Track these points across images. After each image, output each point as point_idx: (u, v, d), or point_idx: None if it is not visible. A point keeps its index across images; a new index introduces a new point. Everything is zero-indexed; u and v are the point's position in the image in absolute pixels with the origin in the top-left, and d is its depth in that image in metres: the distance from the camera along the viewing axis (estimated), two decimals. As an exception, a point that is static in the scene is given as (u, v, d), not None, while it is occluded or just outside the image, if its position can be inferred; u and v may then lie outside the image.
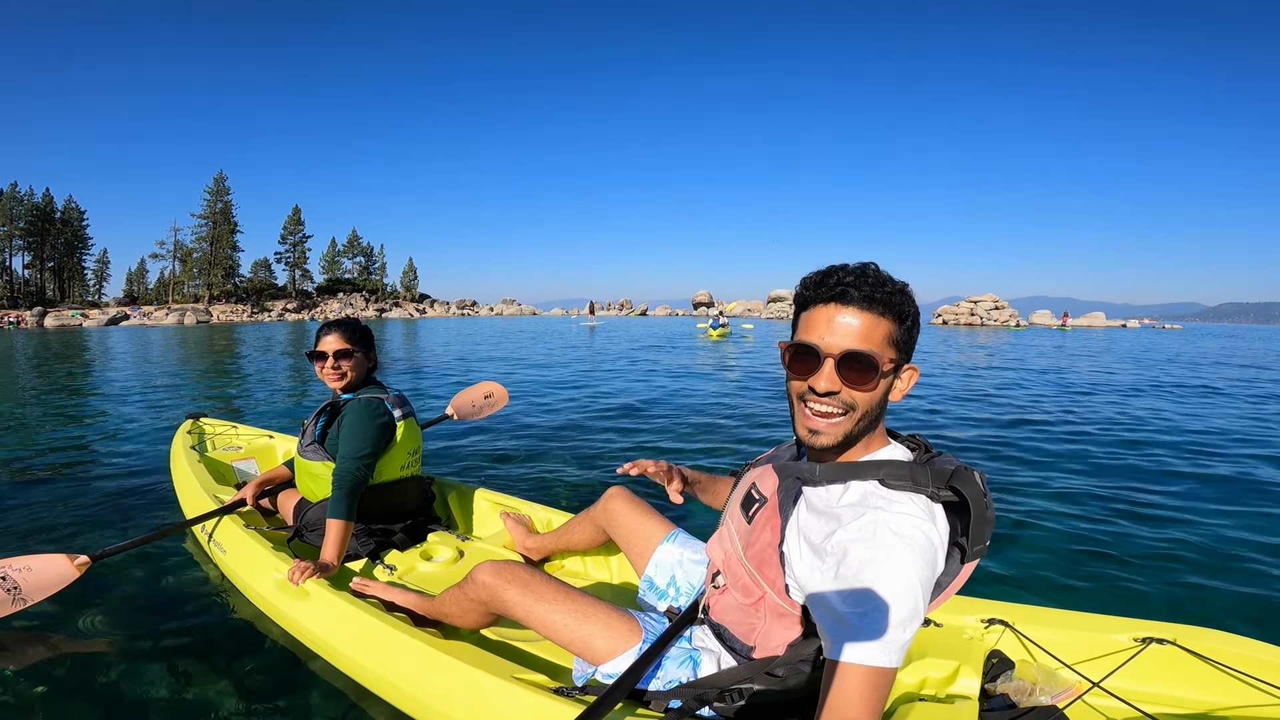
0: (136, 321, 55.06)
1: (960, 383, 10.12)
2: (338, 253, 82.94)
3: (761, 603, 1.25)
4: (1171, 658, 1.60)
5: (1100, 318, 53.90)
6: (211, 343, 23.07)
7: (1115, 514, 3.65)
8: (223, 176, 71.20)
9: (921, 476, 1.10)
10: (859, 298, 1.11)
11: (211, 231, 70.10)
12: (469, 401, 3.52)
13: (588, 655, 1.49)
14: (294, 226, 76.97)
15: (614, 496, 2.03)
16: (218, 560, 2.49)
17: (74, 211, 70.91)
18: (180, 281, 71.74)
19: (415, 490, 2.54)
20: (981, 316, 46.69)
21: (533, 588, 1.55)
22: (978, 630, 1.76)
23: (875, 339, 1.11)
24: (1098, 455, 5.07)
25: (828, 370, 1.11)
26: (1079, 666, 1.63)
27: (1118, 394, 9.00)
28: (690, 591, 1.78)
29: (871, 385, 1.11)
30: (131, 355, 16.83)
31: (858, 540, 1.06)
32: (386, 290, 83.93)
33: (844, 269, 1.14)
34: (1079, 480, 4.34)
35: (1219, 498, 3.98)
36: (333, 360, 2.32)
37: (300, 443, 2.46)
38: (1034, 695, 1.52)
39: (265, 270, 76.96)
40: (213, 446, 3.61)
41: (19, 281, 66.08)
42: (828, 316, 1.12)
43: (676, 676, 1.40)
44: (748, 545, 1.27)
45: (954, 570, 1.14)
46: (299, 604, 2.00)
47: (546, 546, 2.34)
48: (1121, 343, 25.87)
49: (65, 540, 3.11)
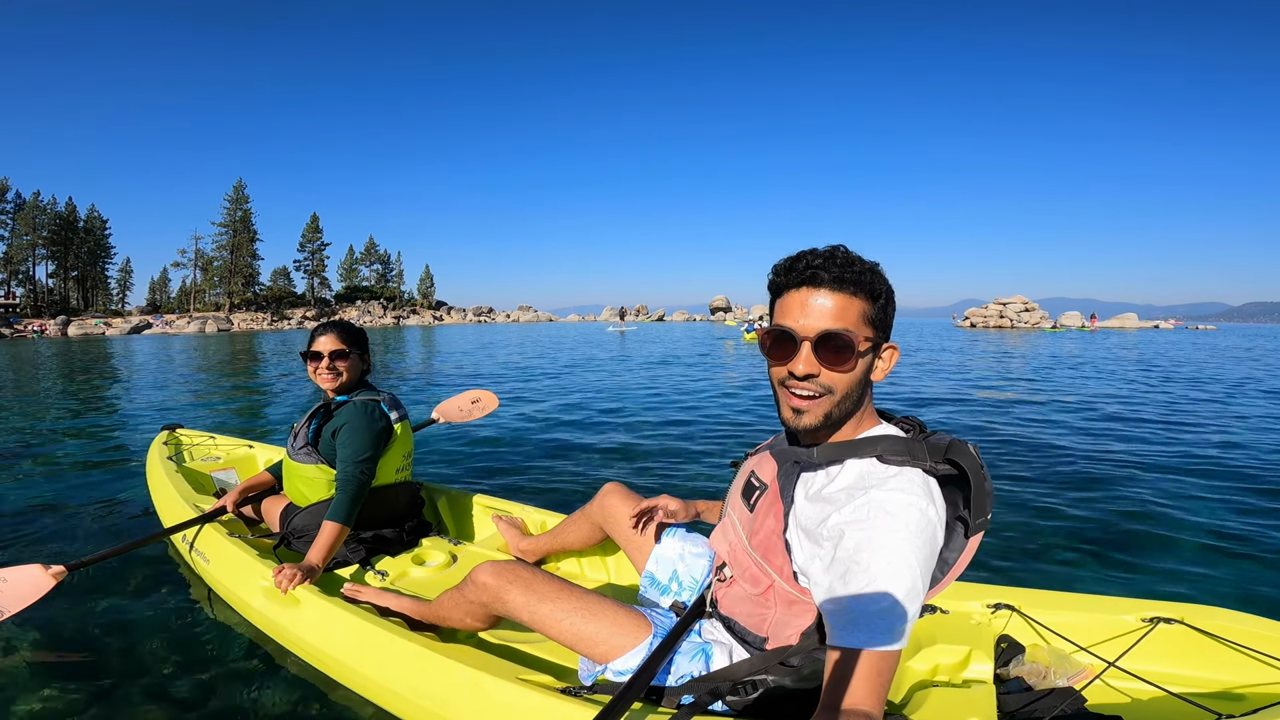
0: (159, 330, 55.45)
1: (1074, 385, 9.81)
2: (355, 260, 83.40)
3: (771, 591, 1.23)
4: (1181, 636, 1.60)
5: (1132, 319, 52.79)
6: (232, 350, 23.26)
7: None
8: (242, 184, 71.88)
9: (918, 451, 1.10)
10: (829, 279, 1.11)
11: (232, 240, 70.69)
12: (456, 406, 3.45)
13: (596, 654, 1.45)
14: (312, 234, 77.52)
15: (610, 493, 2.00)
16: (200, 569, 2.41)
17: (96, 220, 71.80)
18: (201, 290, 72.30)
19: (406, 495, 2.51)
20: (1011, 319, 45.81)
21: (535, 587, 1.51)
22: (985, 615, 1.75)
23: (849, 318, 1.11)
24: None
25: (805, 353, 1.12)
26: (1089, 648, 1.63)
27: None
28: (694, 585, 1.75)
29: (849, 365, 1.11)
30: (141, 364, 16.86)
31: (852, 523, 1.06)
32: (404, 297, 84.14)
33: (813, 253, 1.14)
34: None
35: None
36: (328, 361, 2.30)
37: (291, 445, 2.40)
38: (1048, 677, 1.52)
39: (284, 278, 77.52)
40: (190, 457, 3.55)
41: (43, 290, 66.82)
42: (801, 300, 1.13)
43: (689, 671, 1.36)
44: (752, 534, 1.26)
45: (959, 545, 1.13)
46: (289, 611, 1.94)
47: (541, 548, 2.30)
48: (1179, 345, 25.28)
49: (40, 550, 3.05)
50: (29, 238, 64.51)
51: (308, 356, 2.33)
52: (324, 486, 2.31)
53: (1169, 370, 13.02)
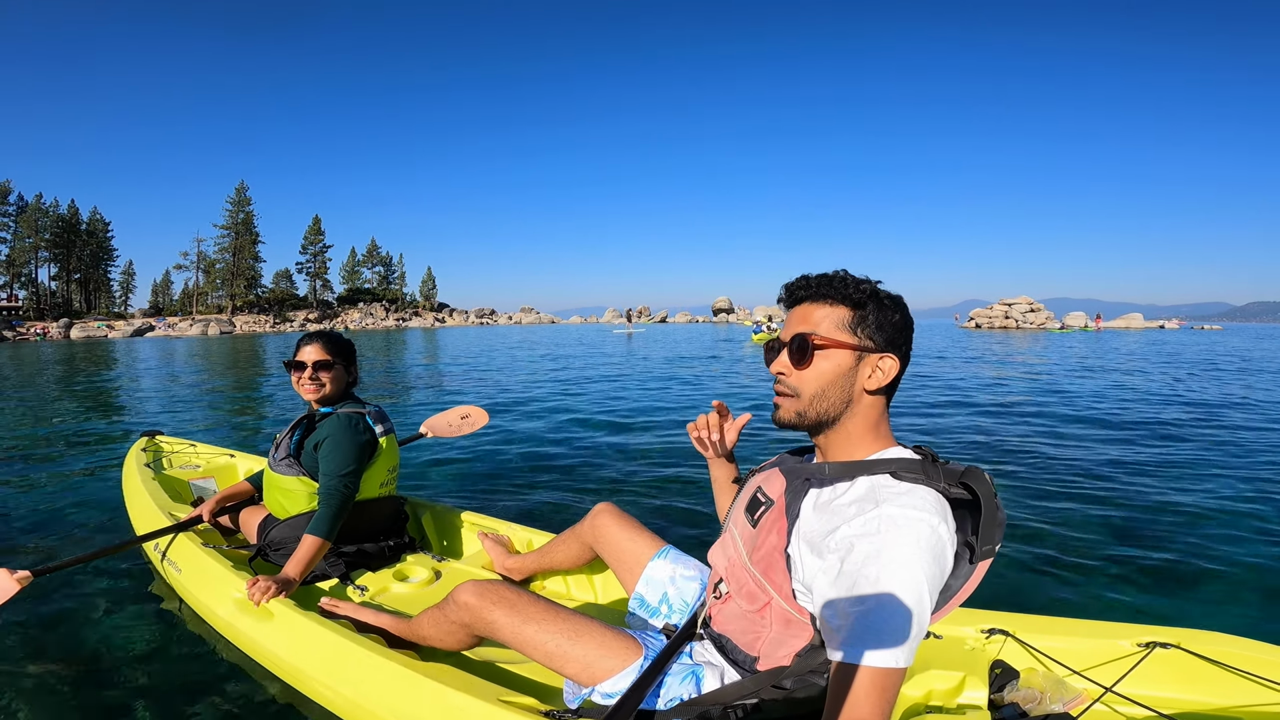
0: (162, 333, 55.49)
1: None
2: (357, 263, 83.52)
3: (768, 609, 1.21)
4: (1177, 661, 1.58)
5: (1138, 319, 52.59)
6: (233, 353, 23.21)
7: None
8: (244, 187, 72.06)
9: (933, 472, 1.10)
10: (809, 295, 1.20)
11: (234, 242, 70.81)
12: (445, 422, 3.39)
13: (583, 676, 1.41)
14: (314, 236, 77.59)
15: (601, 513, 1.98)
16: (172, 579, 2.34)
17: (99, 223, 71.95)
18: (204, 292, 72.34)
19: (390, 509, 2.47)
20: (1017, 319, 45.59)
21: (519, 608, 1.48)
22: (978, 640, 1.73)
23: (821, 324, 1.17)
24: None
25: (781, 355, 1.21)
26: (1084, 673, 1.61)
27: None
28: (684, 609, 1.72)
29: (805, 364, 1.16)
30: (140, 367, 16.60)
31: (861, 535, 1.04)
32: (406, 299, 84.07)
33: (804, 277, 1.23)
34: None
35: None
36: (311, 371, 2.26)
37: (272, 456, 2.35)
38: (1044, 703, 1.50)
39: (286, 280, 77.62)
40: (169, 464, 3.46)
41: (46, 293, 66.85)
42: (789, 314, 1.23)
43: (679, 693, 1.33)
44: (753, 550, 1.24)
45: (964, 572, 1.11)
46: (262, 625, 1.87)
47: (528, 566, 2.26)
48: (1193, 345, 24.95)
49: (6, 554, 2.98)
50: (31, 240, 64.66)
51: (291, 366, 2.29)
52: (304, 499, 2.27)
53: (1210, 373, 12.27)
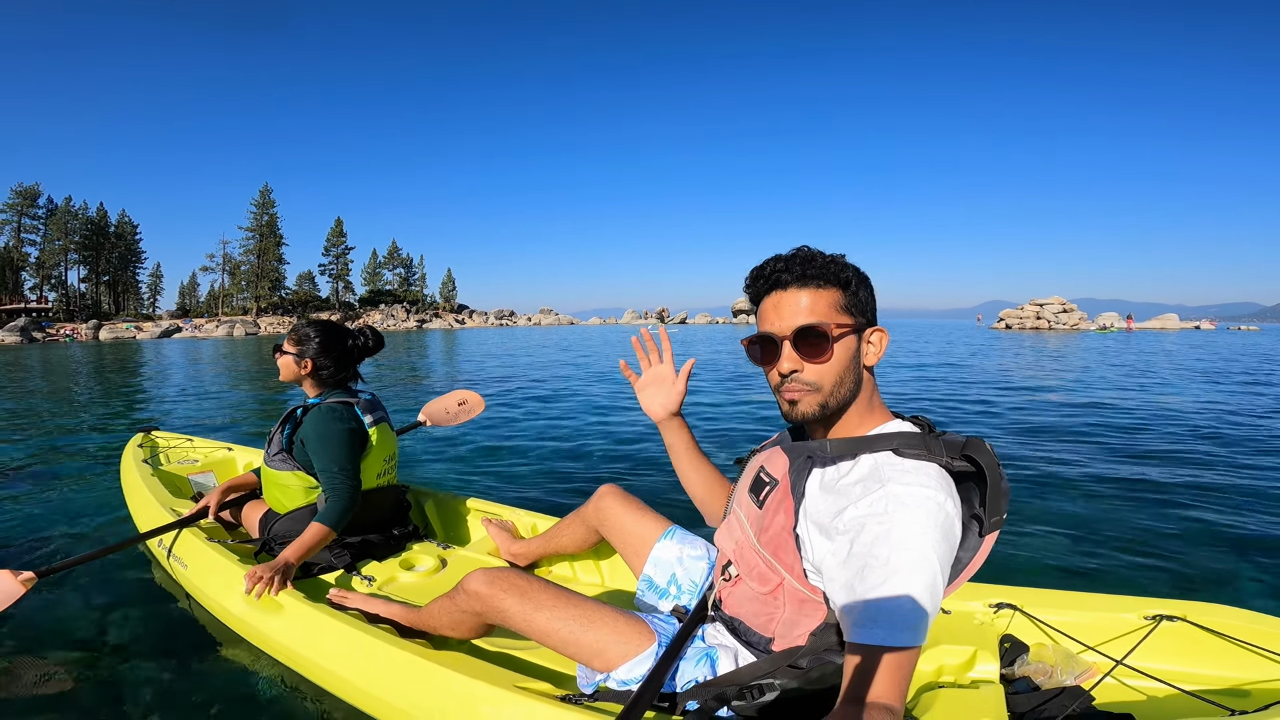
0: (188, 334, 56.18)
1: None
2: (379, 264, 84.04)
3: (780, 590, 1.21)
4: (1184, 634, 1.59)
5: (1173, 320, 51.33)
6: (258, 353, 23.36)
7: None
8: (268, 189, 72.86)
9: (935, 446, 1.10)
10: (794, 278, 1.16)
11: (258, 244, 71.59)
12: (442, 409, 3.35)
13: (597, 662, 1.41)
14: (336, 238, 78.22)
15: (606, 494, 1.97)
16: (178, 576, 2.32)
17: (127, 225, 73.18)
18: (229, 294, 73.18)
19: (391, 499, 2.46)
20: (1049, 320, 44.57)
21: (530, 595, 1.48)
22: (987, 615, 1.73)
23: (821, 309, 1.15)
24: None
25: (786, 351, 1.16)
26: (1092, 646, 1.62)
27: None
28: (693, 589, 1.70)
29: (826, 355, 1.14)
30: (166, 367, 16.64)
31: (870, 515, 1.04)
32: (426, 301, 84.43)
33: (775, 258, 1.19)
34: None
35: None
36: (278, 358, 2.31)
37: (267, 452, 2.36)
38: (1055, 676, 1.50)
39: (309, 282, 78.22)
40: (167, 460, 3.45)
41: (75, 295, 68.03)
42: (774, 304, 1.18)
43: (694, 676, 1.33)
44: (761, 531, 1.23)
45: (974, 544, 1.12)
46: (273, 619, 1.86)
47: (533, 551, 2.25)
48: (1255, 346, 23.87)
49: (10, 555, 2.98)
50: (61, 242, 65.88)
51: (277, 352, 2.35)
52: (301, 493, 2.27)
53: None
